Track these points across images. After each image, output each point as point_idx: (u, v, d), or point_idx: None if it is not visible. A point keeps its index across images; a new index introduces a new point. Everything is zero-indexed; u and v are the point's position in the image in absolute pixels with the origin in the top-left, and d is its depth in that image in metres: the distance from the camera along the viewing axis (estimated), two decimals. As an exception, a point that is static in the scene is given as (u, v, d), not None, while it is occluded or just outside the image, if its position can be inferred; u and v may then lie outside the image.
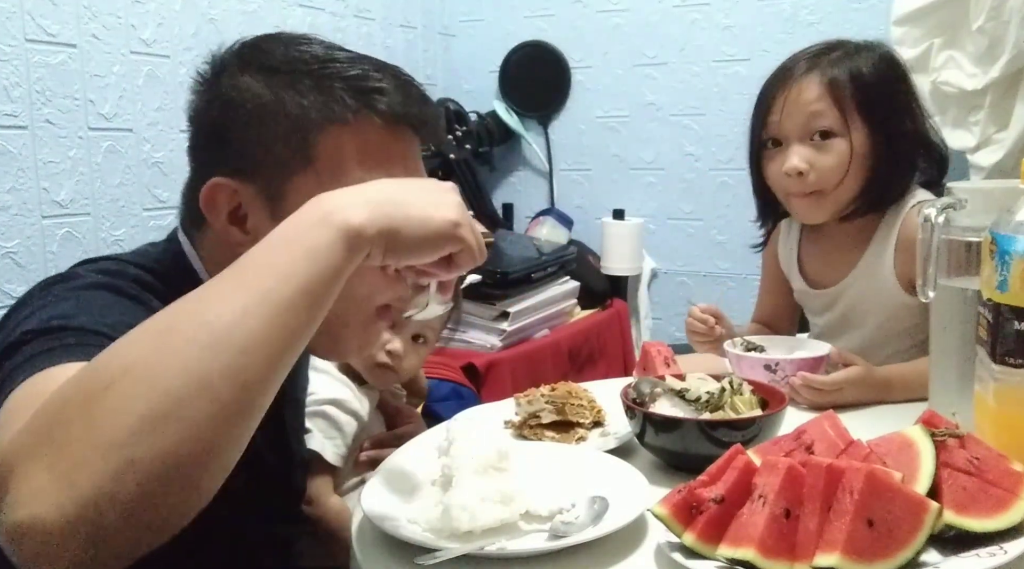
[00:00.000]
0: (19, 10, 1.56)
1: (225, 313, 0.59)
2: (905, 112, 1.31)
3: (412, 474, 0.92)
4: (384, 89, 0.84)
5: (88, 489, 0.53)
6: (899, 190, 1.31)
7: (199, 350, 0.58)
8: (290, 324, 0.62)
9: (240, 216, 0.84)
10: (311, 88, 0.83)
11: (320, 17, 2.23)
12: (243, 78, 0.84)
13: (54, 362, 0.68)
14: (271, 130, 0.82)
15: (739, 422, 0.94)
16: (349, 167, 0.82)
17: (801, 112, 1.27)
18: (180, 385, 0.56)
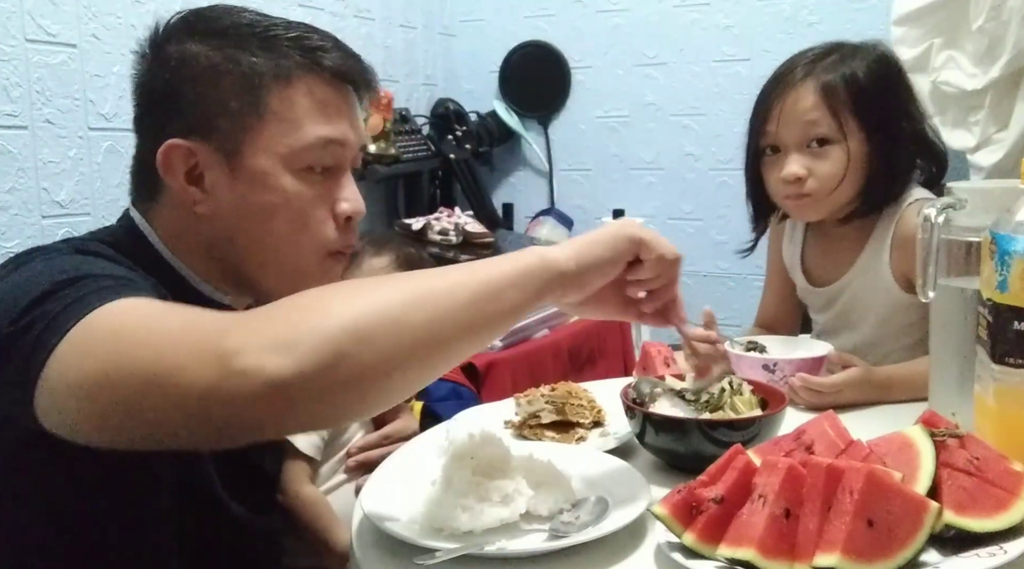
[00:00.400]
0: (19, 10, 1.56)
1: (448, 282, 0.73)
2: (902, 113, 1.31)
3: (412, 474, 0.92)
4: (327, 47, 0.90)
5: (313, 359, 0.64)
6: (897, 190, 1.31)
7: (437, 327, 0.70)
8: (482, 313, 0.74)
9: (196, 175, 0.88)
10: (260, 48, 0.88)
11: (320, 17, 2.23)
12: (190, 43, 0.88)
13: (96, 303, 0.71)
14: (224, 88, 0.86)
15: (739, 422, 0.94)
16: (300, 121, 0.87)
17: (797, 121, 1.28)
18: (418, 346, 0.69)
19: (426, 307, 0.70)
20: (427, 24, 2.79)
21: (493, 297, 0.74)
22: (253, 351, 0.65)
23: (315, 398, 0.66)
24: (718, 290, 2.70)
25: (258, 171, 0.87)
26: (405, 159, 2.40)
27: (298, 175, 0.88)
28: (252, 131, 0.86)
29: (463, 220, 2.28)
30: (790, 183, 1.29)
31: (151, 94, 0.91)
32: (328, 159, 0.90)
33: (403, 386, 0.72)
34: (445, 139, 2.65)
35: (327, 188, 0.91)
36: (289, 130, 0.87)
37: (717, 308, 2.83)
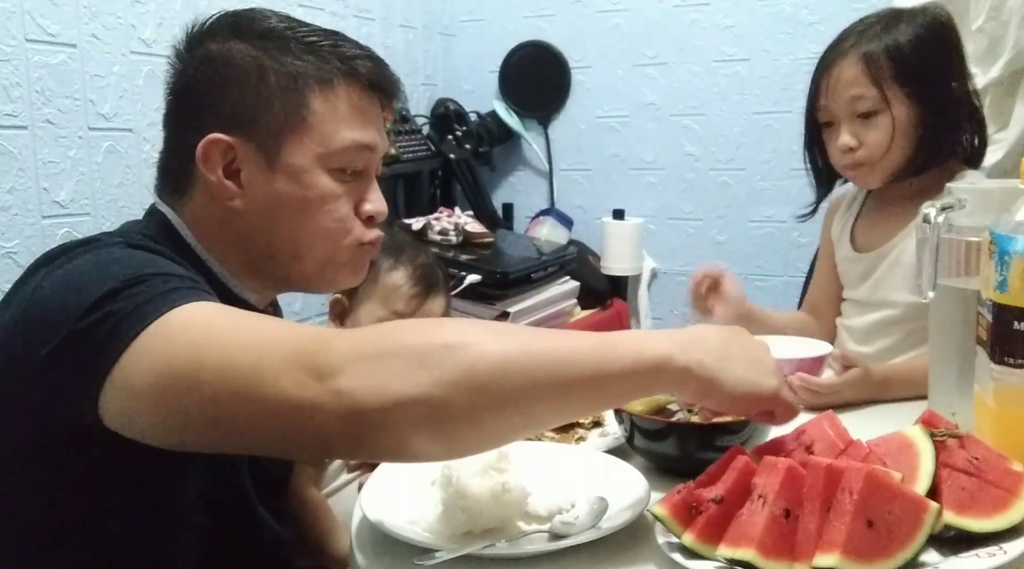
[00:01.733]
0: (19, 10, 1.55)
1: (549, 349, 0.71)
2: (950, 75, 1.35)
3: (412, 474, 0.92)
4: (361, 56, 0.95)
5: (403, 396, 0.66)
6: (947, 148, 1.37)
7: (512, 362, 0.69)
8: (582, 394, 0.73)
9: (233, 170, 0.91)
10: (302, 51, 0.92)
11: (320, 17, 2.23)
12: (234, 42, 0.91)
13: (187, 298, 0.74)
14: (269, 87, 0.90)
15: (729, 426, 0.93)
16: (339, 124, 0.92)
17: (843, 95, 1.35)
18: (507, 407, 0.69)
19: (523, 374, 0.69)
20: (427, 24, 2.79)
21: (596, 385, 0.72)
22: (351, 375, 0.67)
23: (392, 435, 0.68)
24: (718, 290, 2.70)
25: (296, 169, 0.90)
26: (405, 159, 2.40)
27: (332, 174, 0.92)
28: (294, 130, 0.90)
29: (463, 220, 2.28)
30: (844, 153, 1.37)
31: (190, 90, 0.93)
32: (359, 162, 0.94)
33: (484, 441, 0.73)
34: (445, 139, 2.64)
35: (354, 189, 0.95)
36: (329, 132, 0.91)
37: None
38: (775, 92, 2.54)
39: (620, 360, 0.72)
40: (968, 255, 0.95)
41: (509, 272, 2.07)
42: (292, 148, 0.90)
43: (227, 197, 0.91)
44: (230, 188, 0.91)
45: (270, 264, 0.95)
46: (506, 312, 2.05)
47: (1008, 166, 1.81)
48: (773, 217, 2.59)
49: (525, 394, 0.69)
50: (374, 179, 0.98)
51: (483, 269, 2.04)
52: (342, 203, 0.93)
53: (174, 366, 0.70)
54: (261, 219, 0.92)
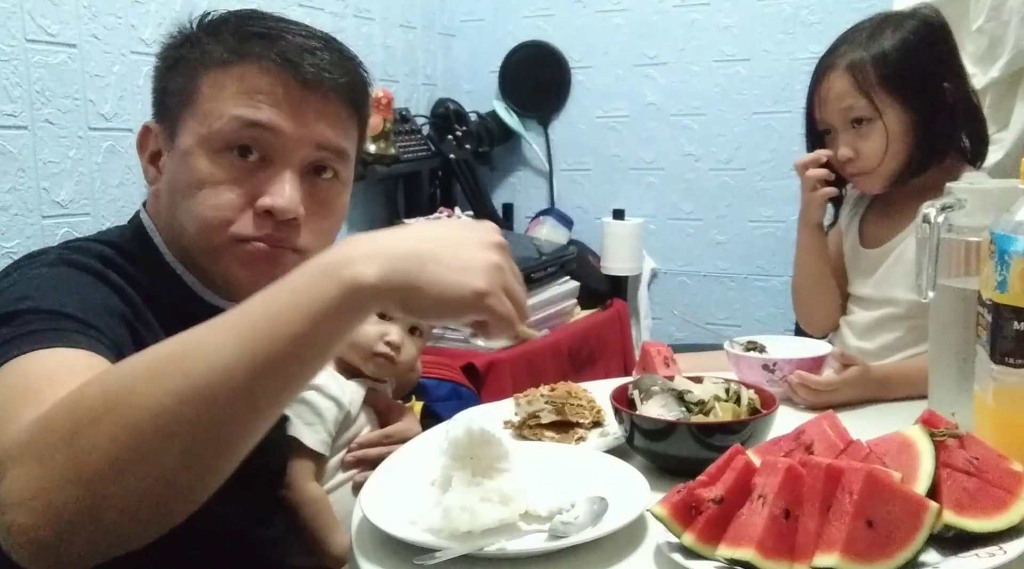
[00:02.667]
0: (19, 10, 1.55)
1: (212, 366, 0.59)
2: (938, 77, 1.35)
3: (412, 474, 0.92)
4: (272, 37, 0.90)
5: (63, 511, 0.57)
6: (946, 149, 1.38)
7: (178, 403, 0.58)
8: (276, 380, 0.61)
9: (159, 157, 0.94)
10: (208, 35, 0.92)
11: (320, 17, 2.23)
12: (182, 38, 0.95)
13: (32, 346, 0.70)
14: (176, 74, 0.92)
15: (727, 426, 0.94)
16: (224, 103, 0.88)
17: (834, 107, 1.37)
18: (153, 433, 0.58)
19: (200, 406, 0.58)
20: (427, 24, 2.79)
21: (288, 358, 0.61)
22: (15, 498, 0.58)
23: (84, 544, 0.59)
24: (718, 290, 2.70)
25: (183, 151, 0.90)
26: (405, 159, 2.40)
27: (216, 157, 0.88)
28: (185, 113, 0.90)
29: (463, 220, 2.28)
30: (844, 163, 1.39)
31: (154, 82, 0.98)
32: (246, 141, 0.88)
33: (202, 486, 0.61)
34: (445, 139, 2.64)
35: (255, 179, 0.88)
36: (211, 110, 0.89)
37: (717, 308, 2.84)
38: (775, 92, 2.54)
39: (306, 310, 0.61)
40: (968, 255, 0.95)
41: (509, 272, 2.06)
42: (184, 131, 0.90)
43: (150, 181, 0.94)
44: (151, 173, 0.94)
45: (185, 254, 0.92)
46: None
47: (1008, 166, 1.81)
48: (773, 217, 2.59)
49: (215, 424, 0.59)
50: (286, 170, 0.89)
51: (483, 269, 2.04)
52: (224, 189, 0.87)
53: None
54: (166, 202, 0.92)
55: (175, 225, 0.91)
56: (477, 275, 0.66)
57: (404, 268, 0.64)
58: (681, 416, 0.96)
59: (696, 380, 1.04)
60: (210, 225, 0.88)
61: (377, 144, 2.28)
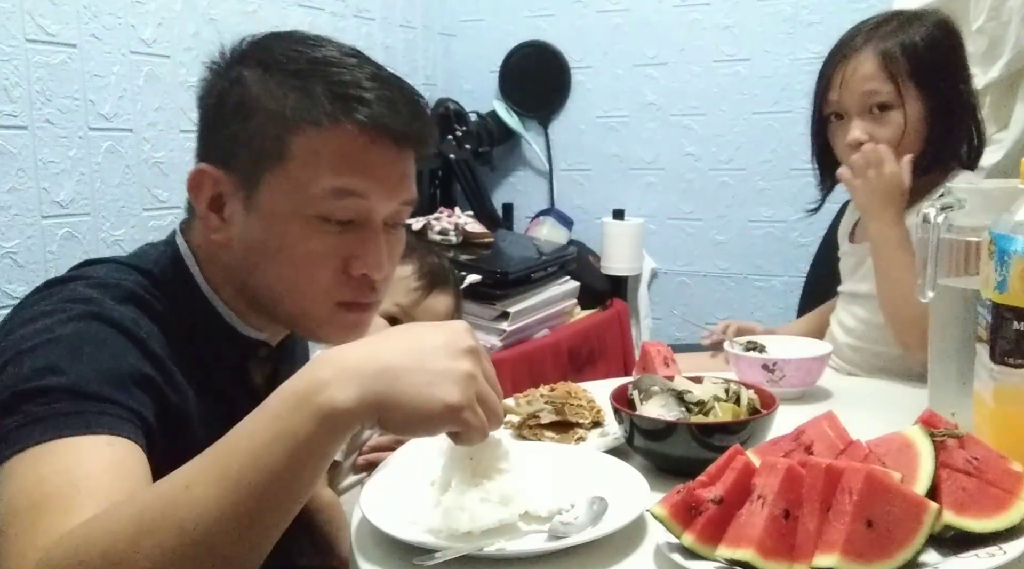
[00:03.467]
0: (19, 10, 1.56)
1: (203, 515, 0.61)
2: (958, 78, 1.37)
3: (411, 474, 0.92)
4: (366, 98, 0.85)
5: None
6: (951, 151, 1.38)
7: (173, 555, 0.60)
8: (268, 517, 0.63)
9: (220, 204, 0.88)
10: (295, 88, 0.85)
11: (320, 17, 2.23)
12: (239, 70, 0.88)
13: (47, 435, 0.71)
14: (255, 124, 0.85)
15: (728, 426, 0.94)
16: (320, 170, 0.84)
17: (858, 89, 1.35)
18: None
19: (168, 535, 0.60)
20: (427, 24, 2.79)
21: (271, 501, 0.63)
22: None
23: None
24: (718, 290, 2.70)
25: (269, 212, 0.86)
26: (405, 159, 2.40)
27: (309, 223, 0.86)
28: (271, 172, 0.85)
29: (463, 220, 2.28)
30: (854, 148, 1.36)
31: (201, 115, 0.91)
32: (345, 212, 0.86)
33: None
34: (445, 139, 2.64)
35: (344, 241, 0.87)
36: (306, 177, 0.84)
37: (717, 308, 2.85)
38: (775, 92, 2.54)
39: (287, 444, 0.62)
40: (968, 255, 0.95)
41: (509, 272, 2.07)
42: (268, 190, 0.85)
43: (211, 229, 0.89)
44: (214, 221, 0.88)
45: (258, 303, 0.92)
46: (506, 312, 2.05)
47: (1008, 166, 1.81)
48: (773, 217, 2.59)
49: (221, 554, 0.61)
50: (378, 232, 0.88)
51: (483, 269, 2.04)
52: (319, 256, 0.86)
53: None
54: (240, 257, 0.89)
55: (251, 279, 0.89)
56: (449, 388, 0.67)
57: (377, 388, 0.65)
58: (681, 416, 0.96)
59: (696, 380, 1.04)
60: (305, 293, 0.88)
61: (377, 144, 2.28)
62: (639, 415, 0.96)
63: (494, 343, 2.03)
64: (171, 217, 1.87)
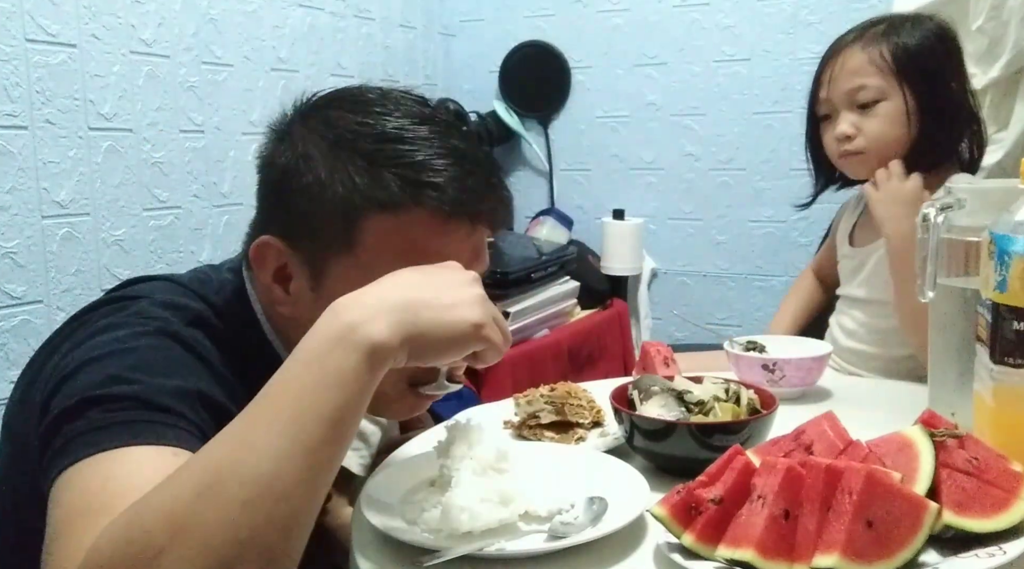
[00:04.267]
0: (19, 10, 1.56)
1: (263, 463, 0.61)
2: (951, 77, 1.37)
3: (411, 474, 0.92)
4: (438, 184, 0.82)
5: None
6: (944, 152, 1.38)
7: (242, 507, 0.59)
8: (325, 457, 0.64)
9: (285, 275, 0.86)
10: (363, 169, 0.82)
11: (320, 17, 2.23)
12: (308, 143, 0.84)
13: (114, 442, 0.70)
14: (320, 205, 0.82)
15: (727, 426, 0.94)
16: (389, 257, 0.79)
17: (844, 85, 1.37)
18: (228, 546, 0.58)
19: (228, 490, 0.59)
20: (427, 24, 2.79)
21: (324, 441, 0.63)
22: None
23: None
24: (718, 290, 2.70)
25: (333, 298, 0.81)
26: (405, 159, 2.40)
27: None
28: (338, 256, 0.83)
29: (463, 220, 2.28)
30: (841, 141, 1.38)
31: (265, 180, 0.89)
32: None
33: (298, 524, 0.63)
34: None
35: None
36: (375, 265, 0.79)
37: (717, 308, 2.85)
38: (775, 92, 2.54)
39: (339, 383, 0.64)
40: (968, 255, 0.95)
41: (509, 272, 2.07)
42: (336, 276, 0.82)
43: (277, 301, 0.86)
44: (278, 293, 0.86)
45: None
46: (506, 312, 2.05)
47: (1008, 166, 1.80)
48: (773, 217, 2.59)
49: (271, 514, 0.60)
50: None
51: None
52: None
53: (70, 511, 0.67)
54: (301, 332, 0.83)
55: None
56: (470, 309, 0.71)
57: (405, 319, 0.67)
58: (681, 416, 0.96)
59: (696, 380, 1.04)
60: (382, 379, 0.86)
61: (377, 144, 2.28)
62: (639, 415, 0.96)
63: (494, 343, 2.03)
64: (171, 217, 1.87)
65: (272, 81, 2.09)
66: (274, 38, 2.09)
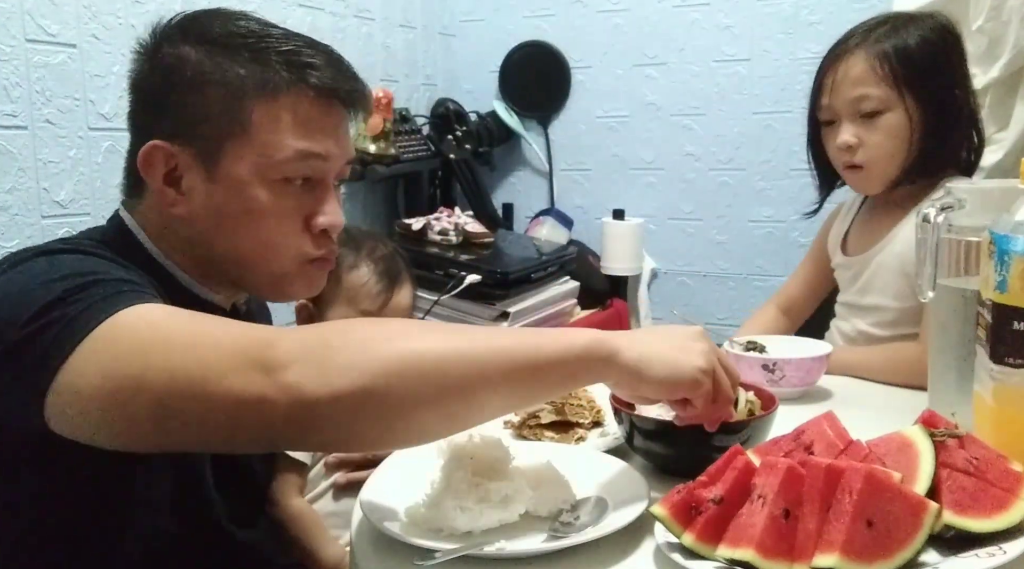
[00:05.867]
0: (19, 10, 1.56)
1: (486, 370, 0.74)
2: (955, 83, 1.34)
3: (412, 475, 0.92)
4: (316, 64, 0.91)
5: (348, 386, 0.69)
6: (946, 158, 1.35)
7: (452, 351, 0.73)
8: (514, 399, 0.79)
9: (175, 177, 0.91)
10: (248, 60, 0.89)
11: (320, 17, 2.23)
12: (183, 47, 0.90)
13: (111, 310, 0.73)
14: (210, 97, 0.89)
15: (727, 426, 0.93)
16: (282, 136, 0.89)
17: (848, 92, 1.33)
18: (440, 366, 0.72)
19: (463, 364, 0.73)
20: (427, 24, 2.79)
21: (533, 372, 0.76)
22: (297, 368, 0.69)
23: (340, 424, 0.71)
24: (718, 290, 2.70)
25: (235, 180, 0.89)
26: (405, 159, 2.40)
27: (274, 186, 0.90)
28: (233, 141, 0.89)
29: (463, 220, 2.28)
30: (843, 151, 1.34)
31: (143, 93, 0.94)
32: (307, 171, 0.91)
33: (428, 430, 0.76)
34: (445, 139, 2.64)
35: (305, 200, 0.93)
36: (269, 142, 0.89)
37: (717, 308, 2.85)
38: (775, 92, 2.54)
39: (552, 348, 0.76)
40: (968, 255, 0.95)
41: (509, 272, 2.07)
42: (231, 159, 0.89)
43: (168, 203, 0.91)
44: (171, 195, 0.91)
45: (219, 270, 0.95)
46: (506, 312, 2.05)
47: (1008, 166, 1.81)
48: (773, 217, 2.59)
49: (466, 382, 0.73)
50: (331, 189, 0.95)
51: (483, 269, 2.04)
52: (286, 216, 0.91)
53: (120, 369, 0.71)
54: (203, 227, 0.91)
55: (217, 248, 0.92)
56: (697, 357, 0.80)
57: (643, 349, 0.80)
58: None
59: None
60: (278, 251, 0.92)
61: (377, 144, 2.28)
62: (639, 415, 0.96)
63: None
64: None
65: (272, 81, 2.09)
66: (274, 38, 2.09)
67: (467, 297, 2.03)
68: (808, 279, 1.63)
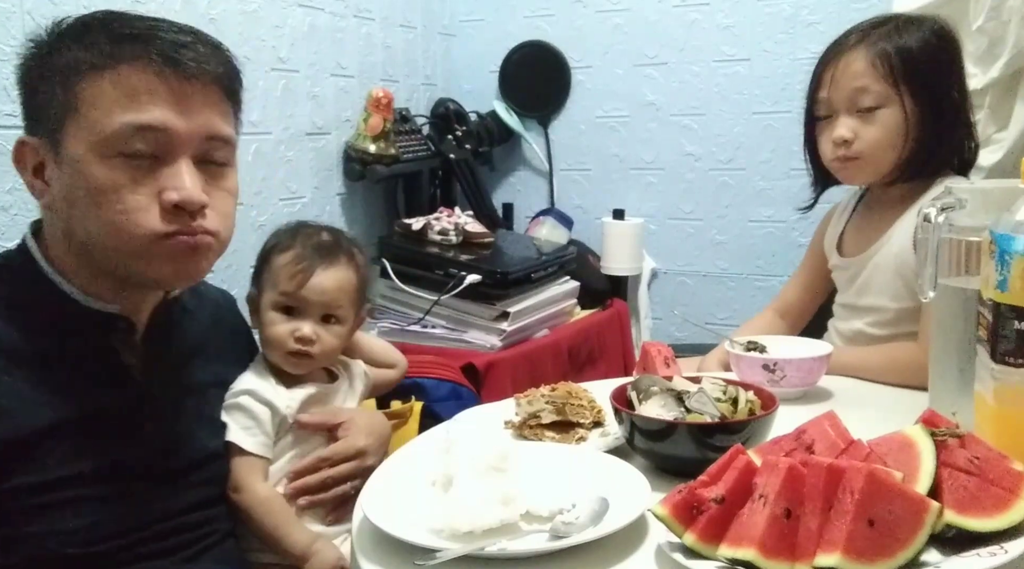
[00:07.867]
0: (19, 10, 1.55)
1: None
2: (951, 85, 1.35)
3: (412, 474, 0.92)
4: (143, 37, 0.91)
5: None
6: (941, 159, 1.36)
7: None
8: None
9: (43, 170, 0.94)
10: (76, 41, 0.91)
11: (320, 17, 2.23)
12: (46, 44, 0.93)
13: None
14: (50, 84, 0.91)
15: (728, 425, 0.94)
16: (108, 109, 0.89)
17: (847, 86, 1.34)
18: None
19: None
20: (427, 24, 2.79)
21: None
22: None
23: None
24: (718, 290, 2.70)
25: (73, 160, 0.90)
26: (405, 159, 2.40)
27: (110, 162, 0.90)
28: (68, 122, 0.91)
29: (463, 220, 2.28)
30: (838, 145, 1.35)
31: (21, 99, 0.98)
32: (143, 145, 0.91)
33: None
34: (445, 139, 2.64)
35: (152, 176, 0.92)
36: (97, 118, 0.89)
37: (717, 308, 2.85)
38: (775, 92, 2.54)
39: None
40: (968, 255, 0.95)
41: (509, 272, 2.07)
42: (70, 140, 0.90)
43: (39, 196, 0.94)
44: (39, 186, 0.94)
45: (97, 263, 0.95)
46: (506, 312, 2.05)
47: (1008, 166, 1.81)
48: (773, 217, 2.59)
49: None
50: (179, 163, 0.93)
51: (483, 269, 2.04)
52: (127, 192, 0.90)
53: None
54: (64, 215, 0.93)
55: (78, 233, 0.93)
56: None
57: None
58: (680, 416, 0.96)
59: (695, 381, 1.04)
60: (124, 229, 0.91)
61: (377, 144, 2.28)
62: (639, 415, 0.96)
63: (494, 343, 2.03)
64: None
65: (272, 81, 2.09)
66: (274, 38, 2.09)
67: (467, 297, 2.03)
68: (805, 283, 1.63)
